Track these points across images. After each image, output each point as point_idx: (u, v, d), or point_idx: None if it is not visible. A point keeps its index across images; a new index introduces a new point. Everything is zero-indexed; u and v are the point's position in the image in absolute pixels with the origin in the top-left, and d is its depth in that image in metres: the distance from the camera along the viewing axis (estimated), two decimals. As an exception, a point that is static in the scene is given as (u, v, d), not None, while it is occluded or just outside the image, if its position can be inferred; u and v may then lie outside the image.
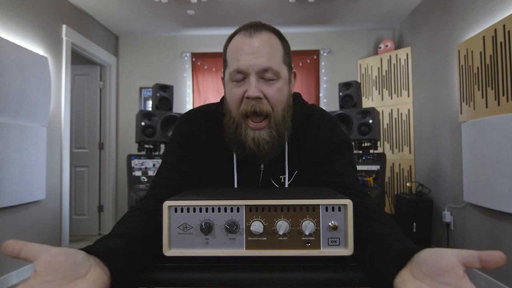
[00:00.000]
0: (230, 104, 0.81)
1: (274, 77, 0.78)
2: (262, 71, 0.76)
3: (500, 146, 2.14)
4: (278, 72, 0.78)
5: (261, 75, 0.77)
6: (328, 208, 0.57)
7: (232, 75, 0.79)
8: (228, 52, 0.82)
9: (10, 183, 2.43)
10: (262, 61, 0.76)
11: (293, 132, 0.86)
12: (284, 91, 0.81)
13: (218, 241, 0.58)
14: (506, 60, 2.11)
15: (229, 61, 0.81)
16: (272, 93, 0.78)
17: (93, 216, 4.04)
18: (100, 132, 4.08)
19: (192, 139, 0.86)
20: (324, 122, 0.88)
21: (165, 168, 0.84)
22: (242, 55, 0.77)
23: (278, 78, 0.79)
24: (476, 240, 2.50)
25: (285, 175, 0.84)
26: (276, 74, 0.78)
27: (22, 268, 2.61)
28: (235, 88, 0.79)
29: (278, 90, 0.79)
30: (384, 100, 3.87)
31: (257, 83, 0.76)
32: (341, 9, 3.63)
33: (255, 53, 0.76)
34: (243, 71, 0.77)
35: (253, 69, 0.76)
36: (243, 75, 0.77)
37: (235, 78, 0.78)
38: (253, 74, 0.76)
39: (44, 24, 2.94)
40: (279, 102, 0.80)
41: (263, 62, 0.76)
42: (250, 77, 0.76)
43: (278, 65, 0.79)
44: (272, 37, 0.80)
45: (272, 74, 0.77)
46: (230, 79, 0.80)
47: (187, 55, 4.25)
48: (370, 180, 2.67)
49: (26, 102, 2.58)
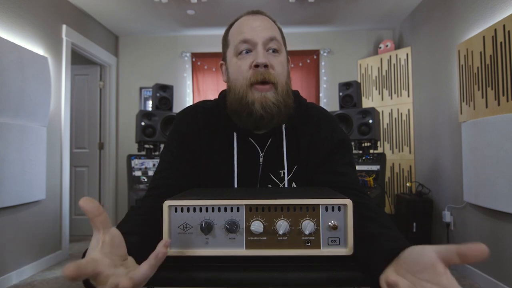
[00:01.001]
0: (236, 77, 0.81)
1: (277, 48, 0.81)
2: (268, 40, 0.79)
3: (500, 146, 2.14)
4: (280, 44, 0.82)
5: (267, 46, 0.80)
6: (328, 207, 0.57)
7: (238, 47, 0.80)
8: (231, 32, 0.85)
9: (10, 183, 2.43)
10: (267, 31, 0.80)
11: (292, 128, 0.86)
12: (286, 66, 0.84)
13: (218, 240, 0.58)
14: (506, 60, 2.11)
15: (232, 38, 0.84)
16: (277, 63, 0.80)
17: (93, 216, 4.04)
18: (100, 132, 4.08)
19: (190, 137, 0.85)
20: (324, 121, 0.88)
21: (164, 167, 0.83)
22: (247, 28, 0.80)
23: (280, 51, 0.82)
24: (476, 240, 2.50)
25: (285, 170, 0.83)
26: (279, 46, 0.82)
27: (22, 268, 2.61)
28: (242, 60, 0.80)
29: (281, 62, 0.82)
30: (384, 100, 3.87)
31: (264, 52, 0.79)
32: (341, 9, 3.63)
33: (260, 26, 0.80)
34: (250, 40, 0.79)
35: (260, 38, 0.79)
36: (250, 46, 0.80)
37: (241, 48, 0.80)
38: (260, 44, 0.79)
39: (44, 24, 2.94)
40: (282, 74, 0.81)
41: (268, 32, 0.80)
42: (258, 46, 0.79)
43: (280, 39, 0.83)
44: (271, 21, 0.86)
45: (276, 44, 0.81)
46: (235, 53, 0.81)
47: (187, 55, 4.25)
48: (370, 180, 2.67)
49: (26, 102, 2.59)
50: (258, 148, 0.85)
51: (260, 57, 0.77)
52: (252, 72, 0.78)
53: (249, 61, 0.79)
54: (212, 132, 0.86)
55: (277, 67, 0.80)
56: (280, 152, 0.84)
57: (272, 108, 0.77)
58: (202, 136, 0.85)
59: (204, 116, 0.87)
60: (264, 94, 0.78)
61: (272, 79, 0.78)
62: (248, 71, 0.79)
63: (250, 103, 0.77)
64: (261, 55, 0.77)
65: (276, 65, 0.80)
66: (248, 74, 0.78)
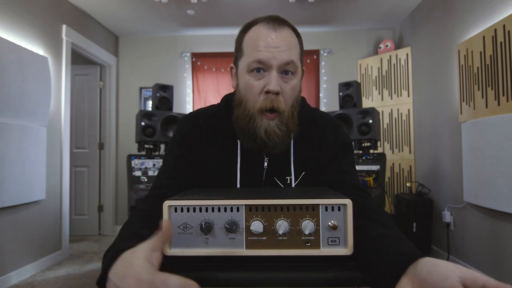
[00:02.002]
0: (247, 95, 0.80)
1: (292, 70, 0.78)
2: (284, 64, 0.76)
3: (500, 146, 2.14)
4: (296, 66, 0.79)
5: (282, 69, 0.77)
6: (328, 207, 0.57)
7: (251, 64, 0.77)
8: (246, 41, 0.81)
9: (10, 183, 2.43)
10: (285, 55, 0.76)
11: (299, 134, 0.86)
12: (297, 87, 0.82)
13: (218, 240, 0.58)
14: (506, 60, 2.11)
15: (246, 50, 0.80)
16: (288, 89, 0.79)
17: (93, 216, 4.04)
18: (100, 132, 4.08)
19: (192, 139, 0.86)
20: (329, 126, 0.89)
21: (166, 168, 0.85)
22: (264, 45, 0.76)
23: (295, 74, 0.80)
24: (476, 240, 2.50)
25: (291, 176, 0.84)
26: (294, 69, 0.79)
27: (22, 268, 2.61)
28: (254, 80, 0.78)
29: (293, 87, 0.80)
30: (384, 100, 3.87)
31: (277, 78, 0.77)
32: (341, 9, 3.63)
33: (279, 47, 0.76)
34: (265, 62, 0.76)
35: (276, 62, 0.76)
36: (263, 66, 0.77)
37: (254, 67, 0.77)
38: (275, 68, 0.76)
39: (44, 24, 2.94)
40: (291, 99, 0.80)
41: (286, 56, 0.76)
42: (272, 71, 0.76)
43: (297, 59, 0.80)
44: (292, 34, 0.81)
45: (292, 67, 0.78)
46: (248, 69, 0.78)
47: (187, 55, 4.25)
48: (370, 180, 2.67)
49: (26, 102, 2.59)
50: (265, 156, 0.85)
51: (273, 85, 0.75)
52: (263, 98, 0.77)
53: (261, 84, 0.77)
54: (214, 136, 0.87)
55: (287, 92, 0.79)
56: (288, 158, 0.85)
57: (275, 138, 0.78)
58: (204, 139, 0.86)
59: (207, 121, 0.88)
60: (269, 122, 0.78)
61: (280, 107, 0.77)
62: (260, 95, 0.78)
63: (257, 128, 0.78)
64: (274, 82, 0.75)
65: (286, 91, 0.78)
66: (259, 98, 0.78)
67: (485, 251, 2.38)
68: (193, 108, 4.23)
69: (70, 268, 2.89)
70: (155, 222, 0.64)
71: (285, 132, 0.79)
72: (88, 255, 3.25)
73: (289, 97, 0.79)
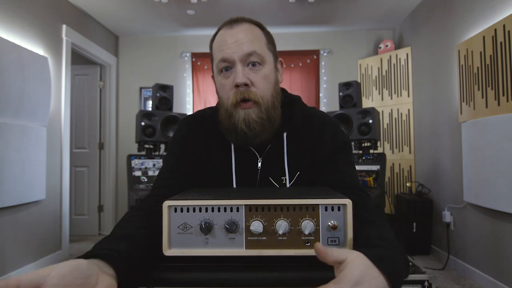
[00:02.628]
0: (222, 96, 0.82)
1: (259, 60, 0.79)
2: (246, 56, 0.78)
3: (500, 146, 2.14)
4: (262, 56, 0.80)
5: (246, 61, 0.78)
6: (328, 207, 0.57)
7: (218, 65, 0.80)
8: (213, 47, 0.84)
9: (10, 183, 2.43)
10: (245, 47, 0.77)
11: (295, 134, 0.86)
12: (271, 77, 0.82)
13: (218, 240, 0.58)
14: (506, 60, 2.11)
15: (214, 54, 0.83)
16: (258, 79, 0.79)
17: (93, 216, 4.04)
18: (100, 132, 4.08)
19: (191, 140, 0.87)
20: (326, 125, 0.88)
21: (166, 169, 0.86)
22: (225, 45, 0.79)
23: (263, 63, 0.80)
24: (476, 240, 2.50)
25: (286, 176, 0.84)
26: (260, 59, 0.79)
27: (22, 268, 2.61)
28: (224, 79, 0.80)
29: (264, 76, 0.80)
30: (384, 100, 3.87)
31: (243, 70, 0.78)
32: (341, 9, 3.63)
33: (237, 41, 0.78)
34: (228, 59, 0.78)
35: (237, 56, 0.77)
36: (229, 64, 0.79)
37: (221, 67, 0.80)
38: (238, 61, 0.77)
39: (44, 24, 2.94)
40: (266, 88, 0.80)
41: (246, 48, 0.77)
42: (236, 65, 0.78)
43: (262, 50, 0.80)
44: (253, 27, 0.82)
45: (256, 57, 0.78)
46: (218, 71, 0.81)
47: (187, 55, 4.25)
48: (370, 180, 2.67)
49: (26, 102, 2.59)
50: (256, 153, 0.86)
51: (239, 77, 0.77)
52: (234, 92, 0.78)
53: (231, 80, 0.79)
54: (211, 138, 0.88)
55: (259, 82, 0.79)
56: (281, 158, 0.85)
57: (255, 126, 0.78)
58: (202, 141, 0.88)
59: (203, 124, 0.90)
60: (247, 111, 0.78)
61: (253, 97, 0.78)
62: (231, 90, 0.79)
63: (236, 122, 0.79)
64: (240, 74, 0.77)
65: (257, 81, 0.79)
66: (231, 94, 0.79)
67: (485, 251, 2.38)
68: (193, 108, 4.23)
69: (70, 268, 2.89)
70: (153, 223, 0.65)
71: (265, 120, 0.79)
72: (88, 255, 3.25)
73: (263, 86, 0.80)
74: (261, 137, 0.81)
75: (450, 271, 2.72)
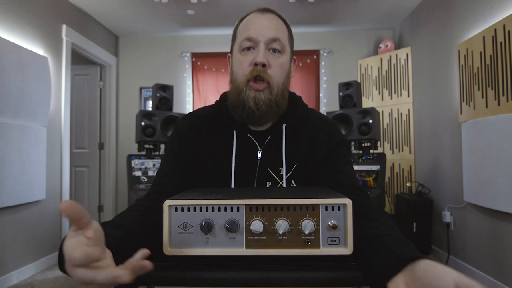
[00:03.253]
0: (237, 72, 0.85)
1: (280, 48, 0.83)
2: (271, 40, 0.82)
3: (500, 146, 2.14)
4: (284, 45, 0.84)
5: (269, 46, 0.82)
6: (328, 207, 0.57)
7: (242, 43, 0.84)
8: (239, 28, 0.88)
9: (10, 183, 2.43)
10: (271, 32, 0.82)
11: (293, 128, 0.88)
12: (286, 67, 0.86)
13: (218, 240, 0.58)
14: (506, 60, 2.11)
15: (239, 34, 0.87)
16: (276, 64, 0.83)
17: (93, 216, 4.02)
18: (100, 132, 4.08)
19: (190, 138, 0.88)
20: (324, 124, 0.91)
21: (164, 166, 0.87)
22: (253, 26, 0.83)
23: (283, 52, 0.84)
24: (476, 240, 2.50)
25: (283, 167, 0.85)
26: (282, 47, 0.84)
27: (22, 268, 2.61)
28: (243, 57, 0.84)
29: (281, 64, 0.84)
30: (384, 100, 3.87)
31: (265, 52, 0.81)
32: (341, 9, 3.63)
33: (265, 25, 0.83)
34: (253, 39, 0.82)
35: (263, 37, 0.81)
36: (252, 44, 0.82)
37: (245, 46, 0.83)
38: (262, 43, 0.81)
39: (44, 24, 2.94)
40: (280, 75, 0.84)
41: (272, 33, 0.82)
42: (260, 45, 0.81)
43: (284, 39, 0.85)
44: (280, 20, 0.89)
45: (279, 45, 0.83)
46: (239, 48, 0.84)
47: (187, 55, 4.25)
48: (370, 180, 2.67)
49: (26, 102, 2.59)
50: (257, 143, 0.87)
51: (260, 56, 0.80)
52: (251, 69, 0.82)
53: (250, 58, 0.82)
54: (212, 134, 0.89)
55: (276, 67, 0.83)
56: (280, 150, 0.86)
57: (263, 106, 0.81)
58: (202, 138, 0.88)
59: (204, 120, 0.91)
60: (259, 92, 0.81)
61: (267, 78, 0.81)
62: (248, 68, 0.82)
63: (245, 99, 0.82)
64: (261, 54, 0.80)
65: (275, 65, 0.83)
66: (247, 70, 0.82)
67: (485, 251, 2.38)
68: (193, 108, 4.23)
69: (70, 268, 2.89)
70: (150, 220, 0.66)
71: (273, 102, 0.83)
72: (88, 255, 3.25)
73: (278, 72, 0.83)
74: (267, 119, 0.86)
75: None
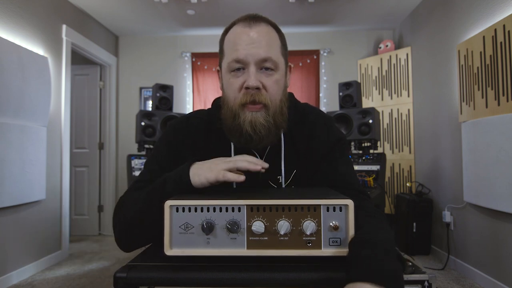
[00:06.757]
0: (228, 94, 0.80)
1: (272, 67, 0.77)
2: (262, 61, 0.76)
3: (500, 146, 2.14)
4: (277, 62, 0.78)
5: (260, 65, 0.77)
6: (329, 208, 0.57)
7: (230, 65, 0.78)
8: (226, 42, 0.81)
9: (10, 183, 2.43)
10: (261, 51, 0.76)
11: (288, 131, 0.85)
12: (281, 82, 0.81)
13: (219, 240, 0.58)
14: (506, 60, 2.11)
15: (226, 51, 0.80)
16: (270, 83, 0.77)
17: (93, 216, 4.04)
18: (100, 132, 4.08)
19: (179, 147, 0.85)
20: (319, 121, 0.87)
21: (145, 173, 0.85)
22: (241, 45, 0.76)
23: (276, 69, 0.78)
24: (476, 240, 2.50)
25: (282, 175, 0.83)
26: (275, 65, 0.78)
27: (22, 268, 2.61)
28: (234, 78, 0.78)
29: (276, 81, 0.79)
30: (384, 100, 3.87)
31: (256, 74, 0.76)
32: (341, 9, 3.63)
33: (254, 43, 0.76)
34: (242, 61, 0.76)
35: (253, 59, 0.75)
36: (242, 65, 0.77)
37: (234, 67, 0.77)
38: (252, 64, 0.76)
39: (44, 24, 2.94)
40: (277, 93, 0.79)
41: (262, 52, 0.76)
42: (250, 67, 0.76)
43: (277, 56, 0.79)
44: (270, 29, 0.81)
45: (271, 64, 0.77)
46: (228, 69, 0.79)
47: (187, 55, 4.25)
48: (370, 180, 2.67)
49: (26, 102, 2.58)
50: (258, 156, 0.84)
51: (252, 80, 0.75)
52: (243, 93, 0.76)
53: (241, 81, 0.77)
54: (206, 140, 0.86)
55: (270, 87, 0.78)
56: (279, 158, 0.84)
57: (261, 129, 0.76)
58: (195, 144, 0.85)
59: (197, 126, 0.87)
60: (255, 114, 0.76)
61: (263, 100, 0.76)
62: (240, 91, 0.77)
63: (241, 123, 0.77)
64: (253, 77, 0.75)
65: (269, 85, 0.77)
66: (239, 95, 0.77)
67: (485, 251, 2.39)
68: (193, 108, 4.22)
69: (70, 268, 2.89)
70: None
71: (272, 125, 0.78)
72: (88, 255, 3.25)
73: (274, 91, 0.78)
74: (266, 141, 0.79)
75: (450, 271, 2.72)
